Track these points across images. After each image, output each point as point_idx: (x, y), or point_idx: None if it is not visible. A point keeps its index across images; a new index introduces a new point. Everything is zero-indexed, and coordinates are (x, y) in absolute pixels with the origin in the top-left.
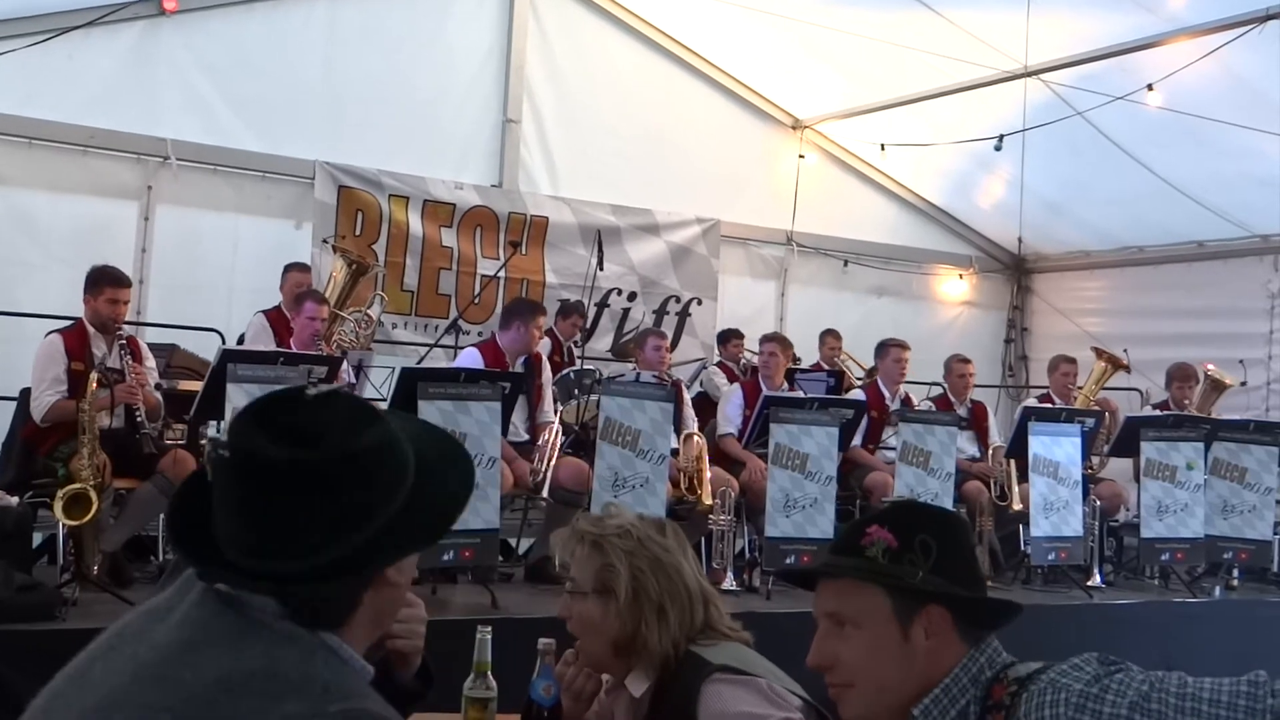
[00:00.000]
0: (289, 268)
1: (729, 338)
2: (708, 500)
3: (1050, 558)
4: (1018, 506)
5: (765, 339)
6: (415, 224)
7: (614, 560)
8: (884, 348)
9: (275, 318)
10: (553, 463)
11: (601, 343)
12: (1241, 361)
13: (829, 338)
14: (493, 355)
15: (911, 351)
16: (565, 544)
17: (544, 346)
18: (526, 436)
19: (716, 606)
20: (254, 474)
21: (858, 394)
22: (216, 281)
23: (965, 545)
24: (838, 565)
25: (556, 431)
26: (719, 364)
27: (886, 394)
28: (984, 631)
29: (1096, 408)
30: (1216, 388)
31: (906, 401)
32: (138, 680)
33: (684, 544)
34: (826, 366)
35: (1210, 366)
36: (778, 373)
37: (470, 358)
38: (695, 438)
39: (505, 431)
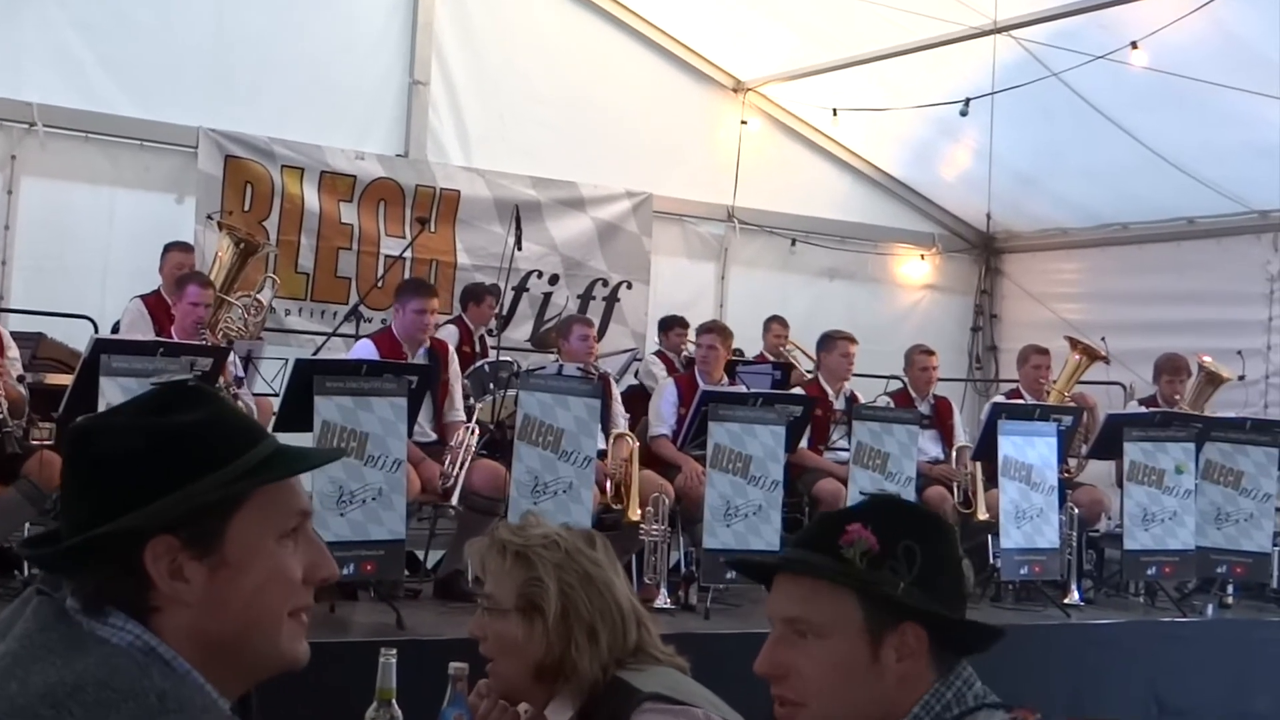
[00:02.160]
0: (170, 247)
1: (672, 325)
2: (634, 513)
3: (1022, 572)
4: (985, 515)
5: (704, 329)
6: (311, 198)
7: (541, 574)
8: (828, 340)
9: (154, 303)
10: (465, 466)
11: (519, 331)
12: (1239, 352)
13: (774, 325)
14: (389, 346)
15: (864, 343)
16: (482, 555)
17: (452, 335)
18: (434, 436)
19: (648, 628)
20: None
21: (796, 390)
22: (88, 263)
23: (951, 556)
24: (810, 562)
25: (470, 431)
26: (658, 353)
27: (829, 391)
28: (955, 658)
29: (1074, 404)
30: (1210, 382)
31: (853, 400)
32: None
33: (614, 558)
34: (771, 357)
35: (1204, 358)
36: (717, 367)
37: (364, 350)
38: (626, 439)
39: (411, 431)
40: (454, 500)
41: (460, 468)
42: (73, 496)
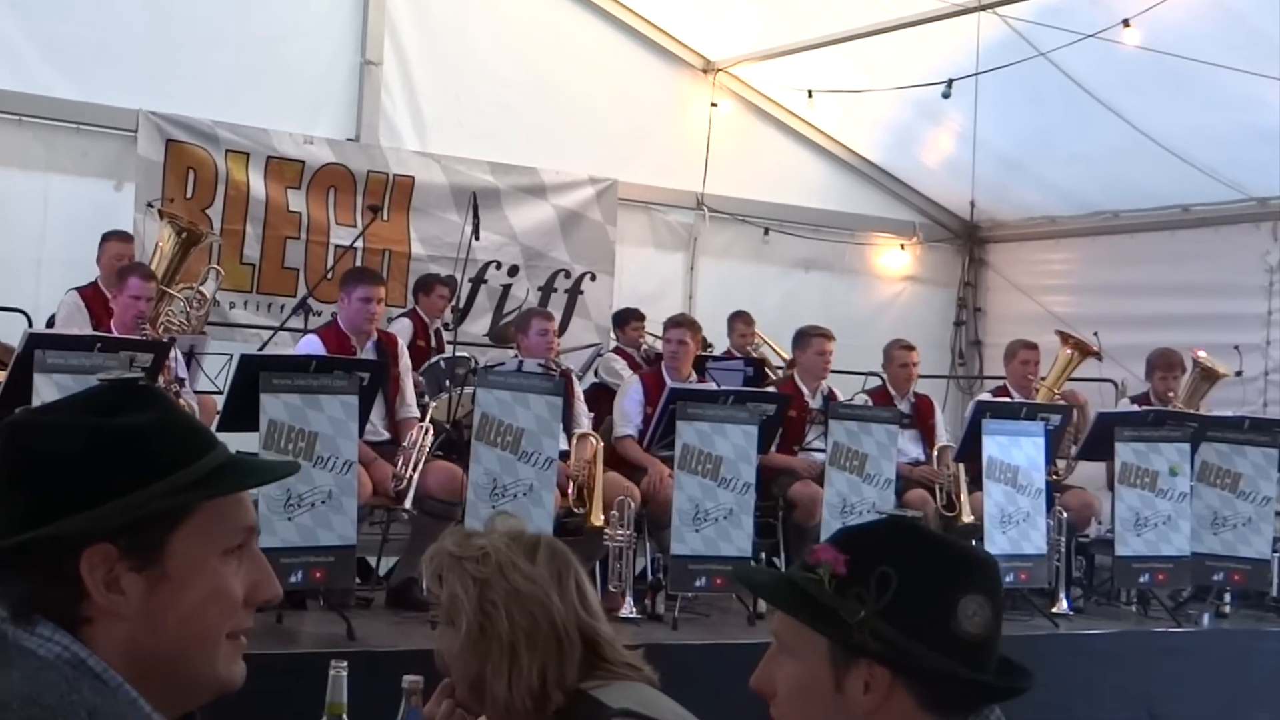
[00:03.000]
0: (108, 237)
1: (627, 319)
2: (598, 518)
3: (1008, 580)
4: (969, 518)
5: (673, 323)
6: (257, 185)
7: (459, 589)
8: (804, 337)
9: (92, 296)
10: (419, 467)
11: (477, 325)
12: (1236, 347)
13: (738, 323)
14: (335, 340)
15: (841, 337)
16: (429, 564)
17: (405, 329)
18: (387, 435)
19: (606, 643)
20: None
21: (769, 390)
22: (21, 253)
23: (947, 589)
24: (758, 579)
25: (425, 431)
26: (616, 350)
27: (806, 391)
28: (954, 710)
29: (1062, 402)
30: (1206, 378)
31: (831, 398)
32: None
33: (563, 570)
34: (739, 354)
35: (1199, 353)
36: (686, 363)
37: (309, 346)
38: (590, 439)
39: (362, 431)
40: (408, 504)
41: (414, 469)
42: (3, 497)
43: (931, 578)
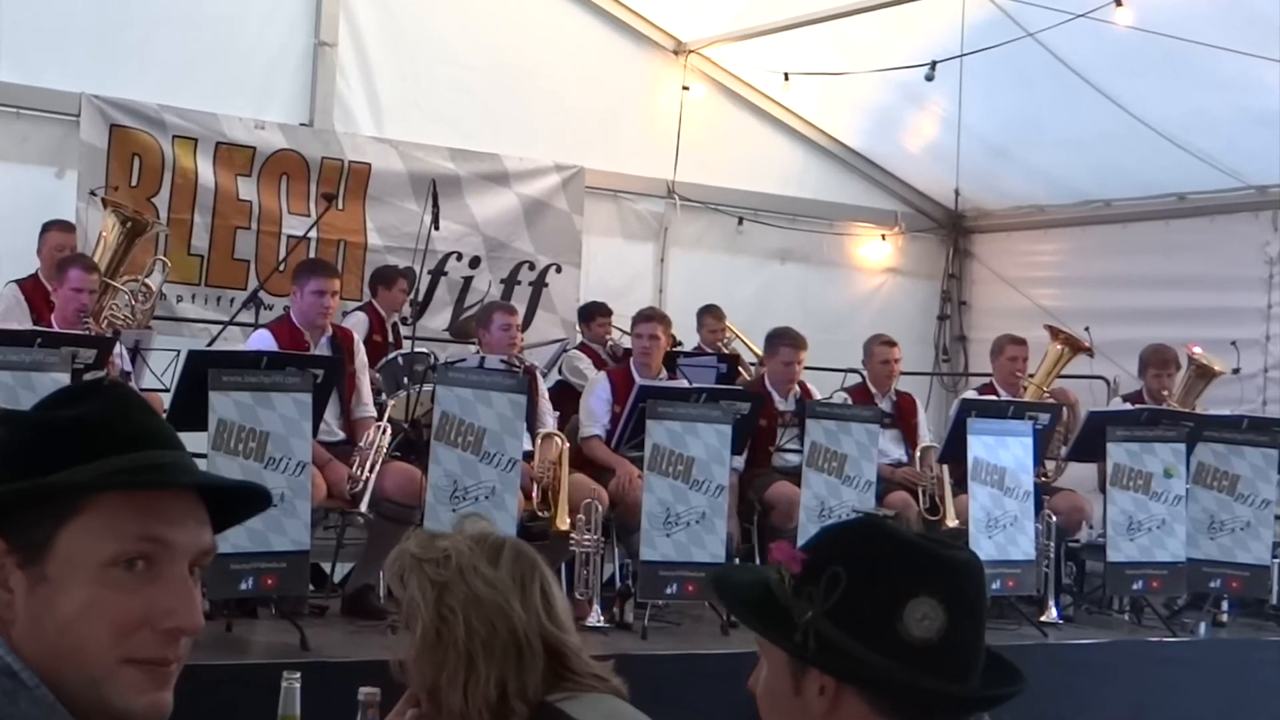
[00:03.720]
0: (49, 226)
1: (593, 314)
2: (563, 522)
3: (994, 587)
4: (953, 522)
5: (643, 317)
6: (206, 172)
7: (417, 593)
8: (773, 344)
9: (32, 289)
10: (376, 469)
11: (437, 319)
12: (1234, 343)
13: (708, 318)
14: (287, 335)
15: (819, 332)
16: (391, 565)
17: (361, 324)
18: (342, 435)
19: (572, 654)
20: None
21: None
22: None
23: (894, 591)
24: (731, 579)
25: (381, 430)
26: (581, 346)
27: (776, 395)
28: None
29: (1052, 400)
30: (1202, 375)
31: (805, 396)
32: None
33: (527, 575)
34: (710, 351)
35: (1195, 349)
36: (656, 359)
37: (260, 341)
38: (555, 439)
39: (316, 430)
40: (363, 507)
41: (371, 470)
42: None
43: (880, 578)
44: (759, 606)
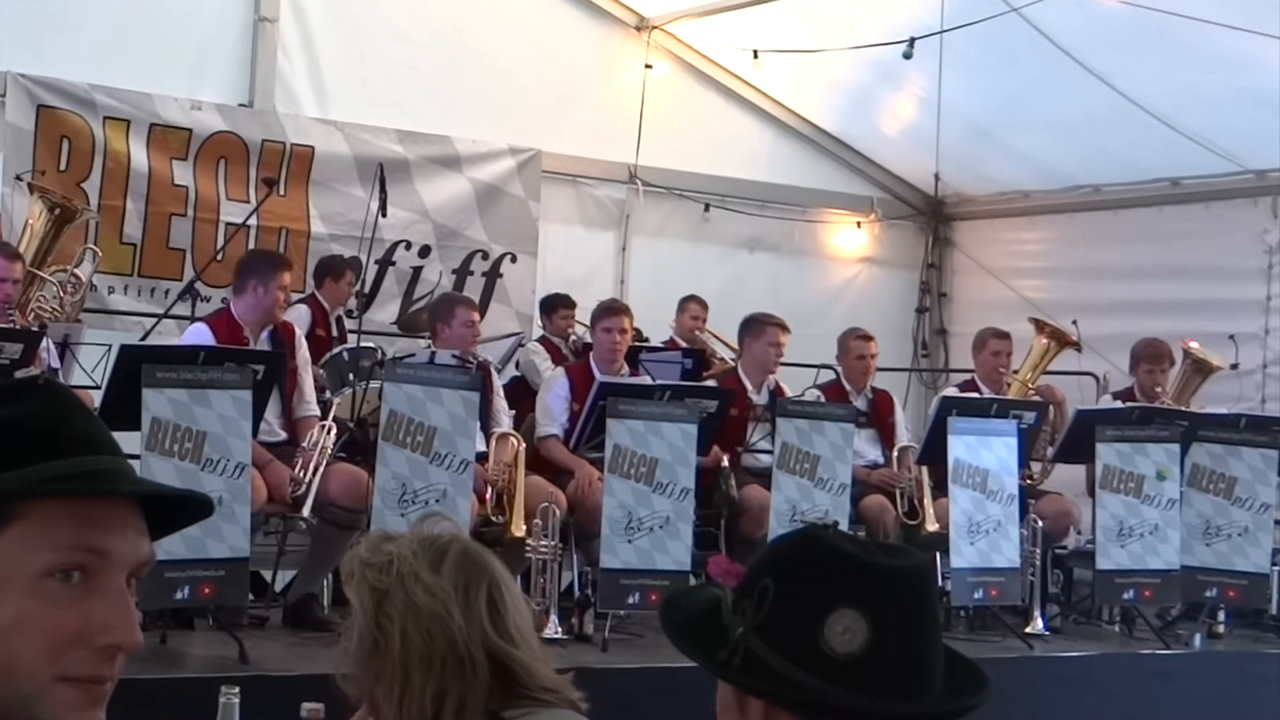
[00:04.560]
0: None
1: (556, 306)
2: (518, 528)
3: (977, 596)
4: (933, 527)
5: (606, 311)
6: (139, 155)
7: (356, 601)
8: (756, 324)
9: None
10: (320, 471)
11: (384, 312)
12: (1231, 337)
13: (691, 305)
14: (227, 330)
15: (791, 327)
16: (344, 569)
17: (303, 317)
18: (284, 435)
19: (520, 669)
20: None
21: (710, 383)
22: None
23: (816, 603)
24: (663, 601)
25: (326, 430)
26: (542, 340)
27: (750, 385)
28: None
29: (1037, 398)
30: (1198, 371)
31: (778, 394)
32: None
33: (472, 582)
34: (683, 343)
35: (1190, 344)
36: (620, 356)
37: (197, 335)
38: (510, 439)
39: (256, 430)
40: (306, 511)
41: (314, 472)
42: None
43: (804, 590)
44: (699, 626)
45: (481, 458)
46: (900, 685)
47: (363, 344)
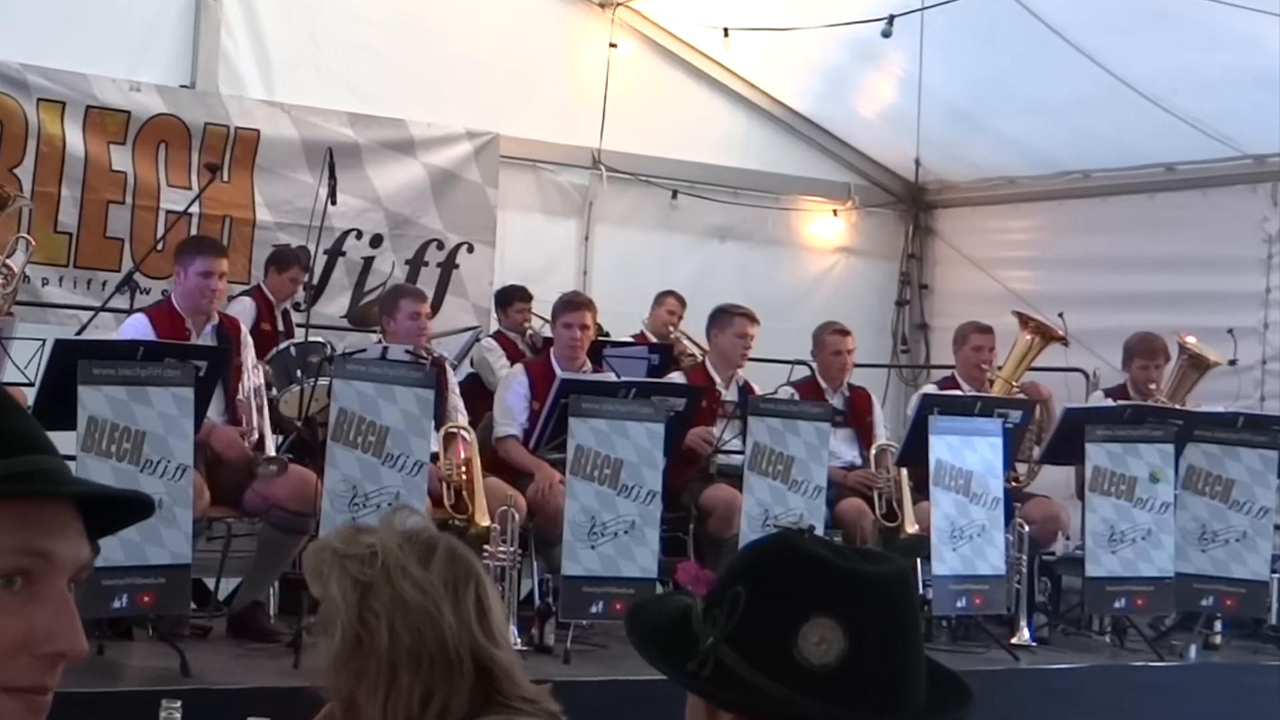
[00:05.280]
0: None
1: (511, 299)
2: (483, 519)
3: (960, 605)
4: (913, 529)
5: (568, 304)
6: (75, 140)
7: (337, 593)
8: (724, 315)
9: None
10: (265, 411)
11: (333, 305)
12: (1229, 331)
13: (669, 300)
14: (168, 323)
15: (763, 320)
16: (310, 560)
17: (248, 310)
18: None
19: (502, 673)
20: None
21: (677, 376)
22: None
23: (791, 611)
24: (630, 609)
25: (255, 368)
26: (497, 335)
27: (718, 380)
28: None
29: (1023, 396)
30: (1194, 367)
31: (748, 391)
32: None
33: (461, 580)
34: (653, 337)
35: (1186, 338)
36: (583, 352)
37: (136, 328)
38: (460, 435)
39: (199, 429)
40: (271, 449)
41: (259, 413)
42: None
43: (777, 598)
44: (667, 636)
45: (434, 458)
46: (878, 698)
47: (311, 339)
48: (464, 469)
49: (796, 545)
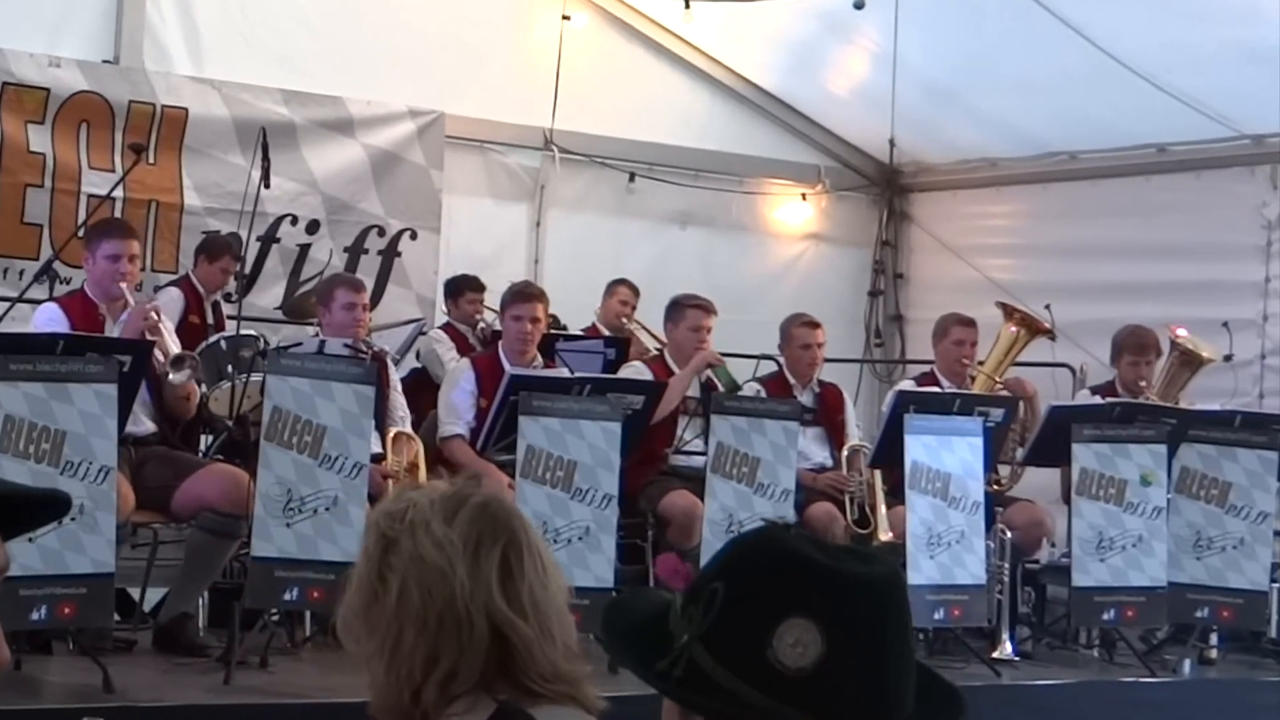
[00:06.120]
0: None
1: (462, 289)
2: None
3: (937, 617)
4: (886, 536)
5: (518, 295)
6: None
7: (364, 548)
8: (678, 308)
9: None
10: (171, 333)
11: (267, 296)
12: (1225, 324)
13: (621, 289)
14: (81, 312)
15: (726, 312)
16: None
17: (175, 302)
18: (153, 428)
19: (523, 646)
20: None
21: (635, 368)
22: None
23: (767, 610)
24: (607, 605)
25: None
26: (446, 327)
27: (678, 374)
28: None
29: (1006, 393)
30: (1187, 363)
31: (711, 388)
32: None
33: (485, 538)
34: (606, 330)
35: (1178, 332)
36: (534, 345)
37: (49, 318)
38: (408, 438)
39: (123, 427)
40: (173, 349)
41: (169, 338)
42: None
43: (755, 596)
44: (642, 633)
45: (377, 459)
46: (855, 706)
47: (243, 332)
48: (410, 473)
49: (779, 541)
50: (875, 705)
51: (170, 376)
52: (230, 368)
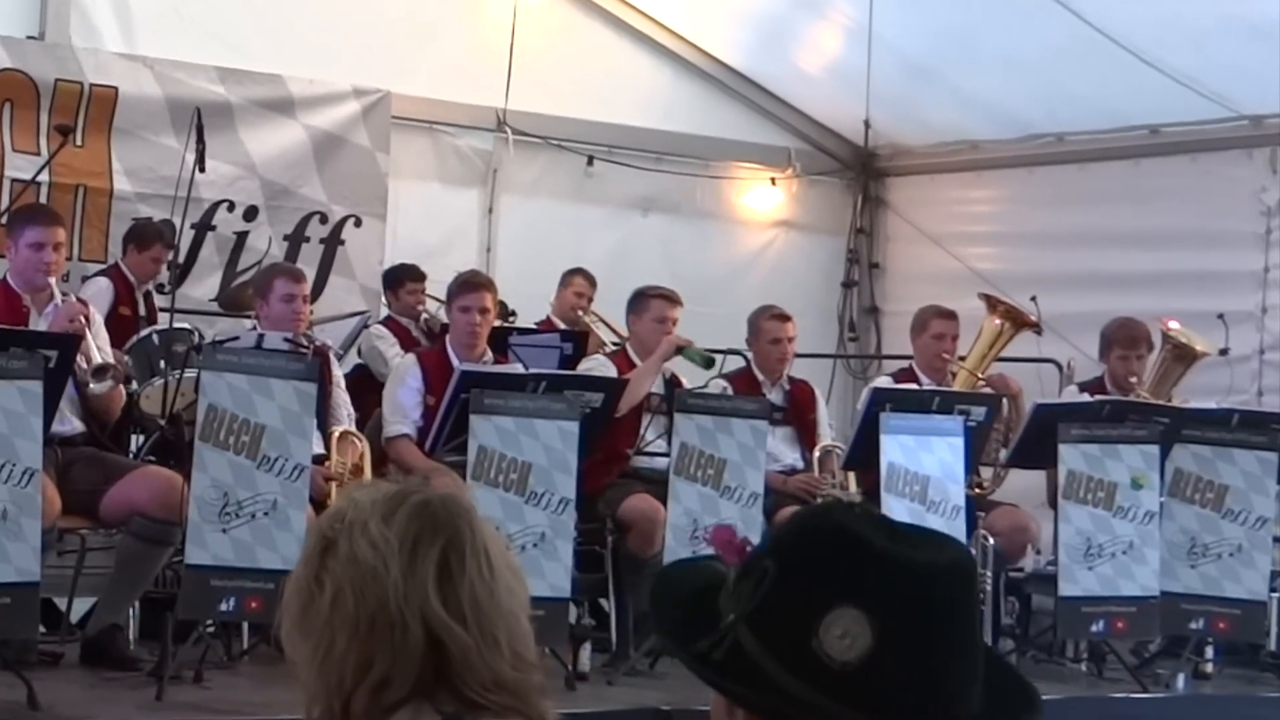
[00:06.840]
0: None
1: (402, 280)
2: None
3: None
4: None
5: (464, 286)
6: None
7: (306, 547)
8: (641, 299)
9: None
10: (99, 324)
11: (202, 287)
12: (1221, 316)
13: (576, 280)
14: (4, 304)
15: (691, 303)
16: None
17: (104, 292)
18: (81, 427)
19: (460, 652)
20: None
21: (598, 361)
22: None
23: (815, 596)
24: (658, 575)
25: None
26: (387, 321)
27: (643, 364)
28: None
29: (989, 390)
30: (1180, 358)
31: (675, 384)
32: None
33: (423, 537)
34: (562, 324)
35: (1170, 325)
36: (483, 339)
37: None
38: (353, 440)
39: (49, 426)
40: (97, 358)
41: (94, 344)
42: None
43: (804, 579)
44: (688, 608)
45: (319, 460)
46: (904, 707)
47: (176, 325)
48: (355, 474)
49: (836, 519)
50: (927, 705)
51: (91, 387)
52: (163, 363)
